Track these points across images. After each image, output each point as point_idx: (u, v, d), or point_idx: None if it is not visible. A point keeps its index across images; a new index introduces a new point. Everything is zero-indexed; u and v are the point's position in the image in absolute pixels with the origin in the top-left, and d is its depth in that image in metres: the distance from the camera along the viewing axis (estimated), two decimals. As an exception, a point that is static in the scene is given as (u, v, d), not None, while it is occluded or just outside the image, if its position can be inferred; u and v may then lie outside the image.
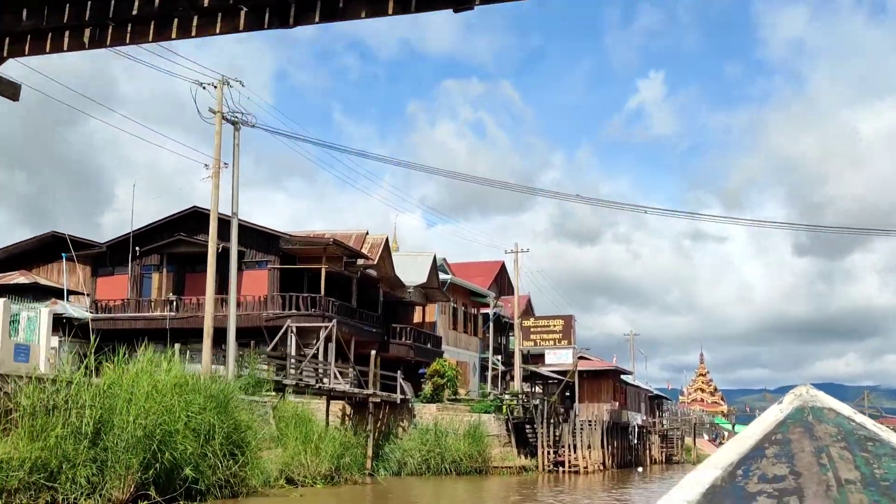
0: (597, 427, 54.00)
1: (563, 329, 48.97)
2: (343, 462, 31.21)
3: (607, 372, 57.49)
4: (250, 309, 41.39)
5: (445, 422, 42.29)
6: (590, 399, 57.87)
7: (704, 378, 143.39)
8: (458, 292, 57.36)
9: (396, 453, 39.49)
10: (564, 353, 48.89)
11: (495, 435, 44.15)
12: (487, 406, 44.20)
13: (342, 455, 30.71)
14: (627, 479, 45.92)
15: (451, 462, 40.56)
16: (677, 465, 74.88)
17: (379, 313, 46.81)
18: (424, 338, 49.91)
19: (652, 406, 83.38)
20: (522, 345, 49.94)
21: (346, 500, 25.96)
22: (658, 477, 51.13)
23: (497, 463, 43.32)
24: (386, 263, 46.37)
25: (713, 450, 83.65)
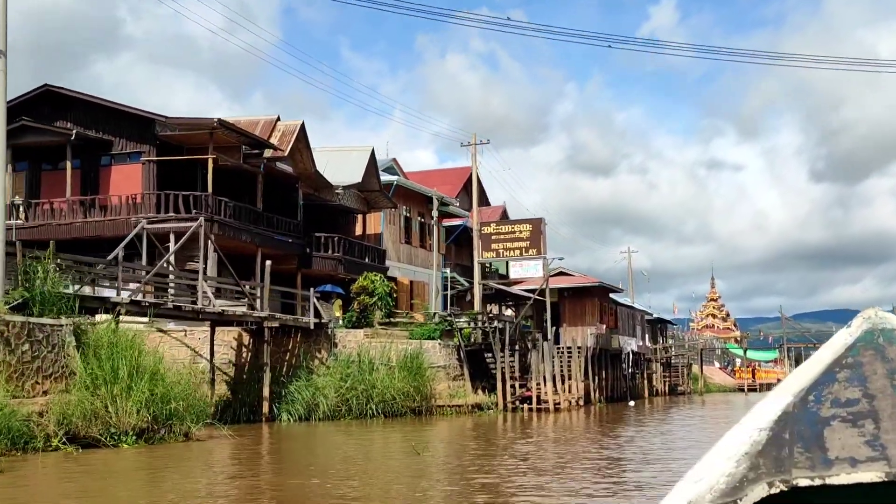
0: (579, 354, 45.09)
1: (531, 235, 39.90)
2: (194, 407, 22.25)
3: (592, 289, 48.40)
4: (118, 213, 32.25)
5: (375, 351, 33.43)
6: (571, 322, 48.89)
7: (716, 303, 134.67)
8: (414, 200, 48.10)
9: (305, 393, 30.67)
10: (532, 264, 39.86)
11: (441, 366, 35.27)
12: (431, 331, 35.25)
13: (186, 399, 21.73)
14: (614, 416, 37.09)
15: (379, 402, 31.77)
16: (682, 397, 66.17)
17: (299, 220, 37.64)
18: (360, 251, 40.81)
19: (654, 331, 74.53)
20: (482, 256, 40.83)
21: (113, 468, 16.95)
22: (656, 412, 42.32)
23: (444, 401, 34.51)
24: (304, 157, 37.06)
25: (725, 378, 74.59)
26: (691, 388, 74.75)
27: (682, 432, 28.29)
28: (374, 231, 44.89)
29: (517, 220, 42.45)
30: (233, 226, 33.04)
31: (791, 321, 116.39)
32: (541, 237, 39.82)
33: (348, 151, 41.41)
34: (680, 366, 75.98)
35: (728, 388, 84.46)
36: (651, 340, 72.99)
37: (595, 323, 48.05)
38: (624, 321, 53.66)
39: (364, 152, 41.01)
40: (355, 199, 42.03)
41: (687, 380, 75.51)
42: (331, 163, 40.74)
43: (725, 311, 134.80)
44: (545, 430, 29.82)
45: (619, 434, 26.21)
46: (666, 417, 37.07)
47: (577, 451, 20.12)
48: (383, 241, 44.56)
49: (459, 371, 36.39)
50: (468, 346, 37.02)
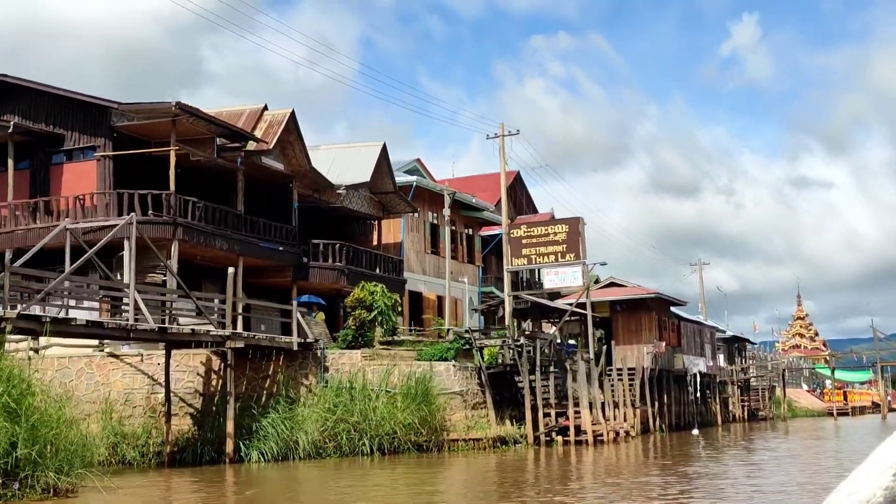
0: (632, 376, 38.93)
1: (567, 238, 34.09)
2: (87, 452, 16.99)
3: (648, 302, 42.17)
4: (72, 216, 27.52)
5: (375, 375, 28.02)
6: (625, 340, 42.68)
7: (803, 322, 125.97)
8: (442, 205, 42.65)
9: (281, 427, 25.35)
10: (570, 272, 33.94)
11: (457, 393, 29.58)
12: (443, 351, 29.63)
13: (59, 441, 16.44)
14: (671, 451, 30.98)
15: (376, 436, 26.30)
16: (763, 424, 59.05)
17: (293, 226, 32.50)
18: (370, 260, 35.48)
19: (730, 351, 67.51)
20: (512, 263, 35.08)
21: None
22: (727, 443, 35.90)
23: (459, 434, 28.81)
24: (296, 151, 31.97)
25: (812, 402, 66.70)
26: (774, 413, 67.36)
27: (759, 480, 22.06)
28: (394, 240, 39.58)
29: (551, 221, 36.63)
30: (203, 230, 28.03)
31: (886, 340, 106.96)
32: (579, 239, 33.99)
33: (357, 148, 36.25)
34: (760, 388, 68.67)
35: (816, 413, 76.59)
36: (727, 361, 66.02)
37: (653, 340, 41.76)
38: (689, 339, 47.18)
39: (374, 148, 35.78)
40: (368, 203, 36.77)
41: (769, 404, 68.15)
42: (337, 161, 35.66)
43: (814, 330, 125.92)
44: (582, 469, 23.95)
45: (700, 468, 20.15)
46: (736, 452, 30.66)
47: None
48: (404, 250, 39.17)
49: (481, 398, 30.66)
50: (491, 367, 31.27)
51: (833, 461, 25.19)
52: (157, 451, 24.93)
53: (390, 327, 29.50)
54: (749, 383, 67.96)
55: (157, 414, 25.67)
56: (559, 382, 32.86)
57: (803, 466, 24.58)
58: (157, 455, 24.82)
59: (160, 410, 25.53)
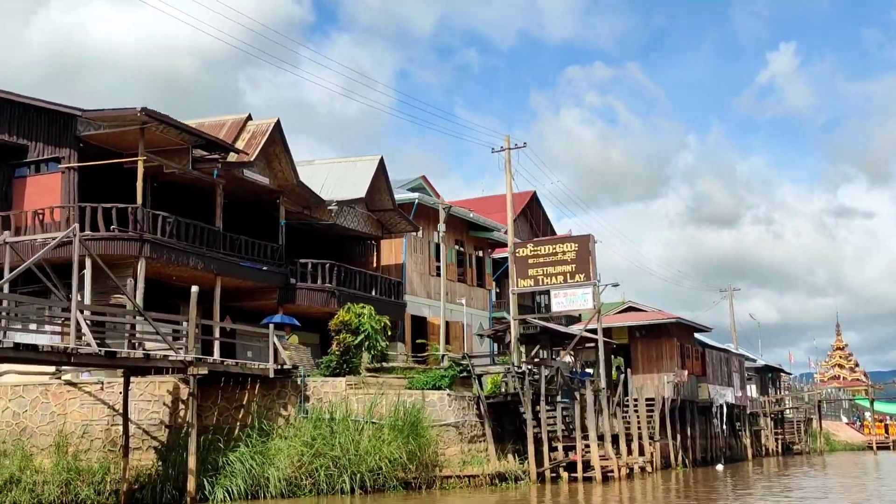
0: (650, 407, 36.21)
1: (577, 257, 31.59)
2: None
3: (669, 327, 39.44)
4: (30, 232, 25.51)
5: (361, 405, 25.64)
6: (645, 368, 39.96)
7: (843, 352, 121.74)
8: (450, 226, 40.35)
9: (251, 462, 23.00)
10: (580, 293, 31.41)
11: (451, 425, 27.07)
12: (437, 378, 27.16)
13: None
14: (692, 489, 28.26)
15: (358, 472, 23.88)
16: (798, 458, 55.70)
17: (279, 244, 30.30)
18: (365, 282, 33.18)
19: (762, 381, 64.33)
20: (518, 285, 32.61)
21: None
22: (756, 481, 33.06)
23: (454, 470, 26.26)
24: (282, 164, 29.84)
25: (852, 435, 63.04)
26: (810, 446, 63.86)
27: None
28: (395, 261, 37.28)
29: (560, 238, 34.13)
30: (175, 248, 25.91)
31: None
32: (589, 258, 31.46)
33: (352, 163, 34.08)
34: (795, 421, 65.22)
35: (856, 447, 72.83)
36: (760, 392, 62.82)
37: (674, 368, 39.00)
38: (715, 367, 44.27)
39: (371, 162, 33.61)
40: (365, 221, 34.53)
41: (805, 437, 64.66)
42: (331, 176, 33.53)
43: (854, 361, 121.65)
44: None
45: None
46: (760, 492, 27.81)
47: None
48: (405, 272, 36.84)
49: (479, 430, 28.11)
50: (492, 397, 28.73)
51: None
52: (114, 489, 22.65)
53: (379, 353, 27.09)
54: (783, 415, 64.58)
55: (118, 447, 23.41)
56: (568, 414, 30.24)
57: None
58: (115, 493, 22.54)
59: (120, 444, 23.27)
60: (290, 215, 31.12)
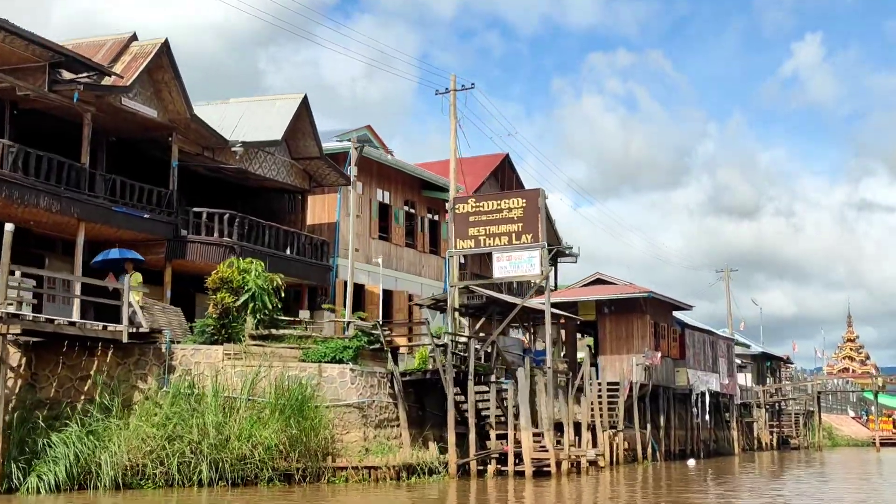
0: (611, 392, 31.83)
1: (524, 214, 26.97)
2: None
3: (639, 303, 34.77)
4: None
5: (241, 379, 21.24)
6: (614, 349, 35.34)
7: (854, 344, 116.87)
8: (398, 183, 35.86)
9: (78, 445, 18.61)
10: (526, 257, 26.81)
11: (355, 405, 22.60)
12: (337, 350, 22.66)
13: None
14: (645, 490, 23.80)
15: (221, 460, 19.50)
16: (795, 453, 50.99)
17: (170, 190, 25.81)
18: (278, 238, 28.68)
19: (760, 370, 59.64)
20: (457, 245, 28.01)
21: None
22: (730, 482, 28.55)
23: (352, 460, 21.79)
24: (172, 94, 25.31)
25: (858, 430, 57.69)
26: (809, 440, 59.02)
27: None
28: (328, 220, 32.79)
29: (505, 193, 29.37)
30: (19, 183, 21.45)
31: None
32: (538, 217, 26.88)
33: (271, 102, 29.53)
34: (793, 413, 60.48)
35: (860, 442, 68.02)
36: (756, 381, 58.15)
37: (644, 350, 34.37)
38: (697, 350, 39.59)
39: (292, 101, 29.05)
40: (288, 170, 30.04)
41: (804, 431, 59.89)
42: (247, 117, 29.02)
43: (865, 353, 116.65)
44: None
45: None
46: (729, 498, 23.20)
47: None
48: (338, 233, 32.33)
49: (392, 413, 23.64)
50: (409, 374, 24.24)
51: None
52: None
53: (267, 317, 22.59)
54: (780, 407, 59.90)
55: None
56: (503, 396, 25.71)
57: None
58: None
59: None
60: (187, 157, 26.64)
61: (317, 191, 32.37)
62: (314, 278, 29.90)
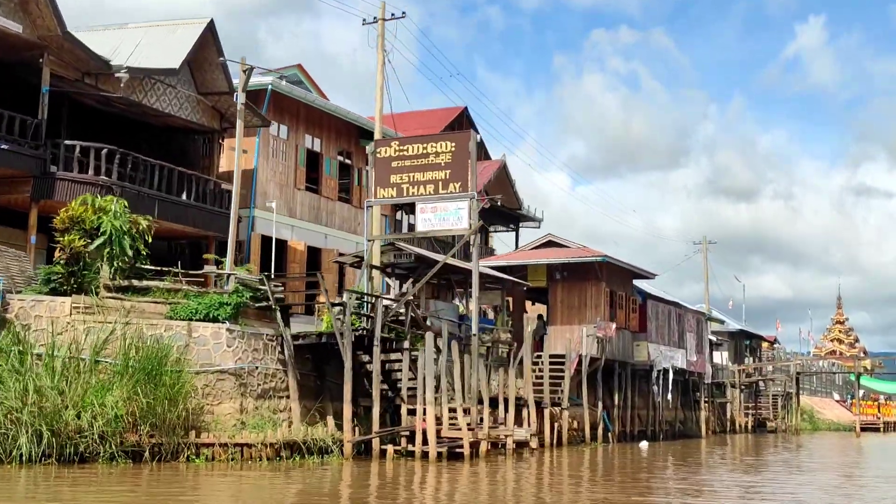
0: (563, 367, 28.61)
1: (453, 161, 23.58)
2: None
3: (593, 268, 31.39)
4: None
5: (94, 337, 17.89)
6: (566, 319, 32.01)
7: (842, 326, 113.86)
8: (330, 128, 32.36)
9: None
10: (453, 208, 23.41)
11: (230, 372, 19.25)
12: (210, 306, 19.28)
13: None
14: (571, 480, 20.53)
15: (51, 433, 16.18)
16: (771, 437, 47.88)
17: (38, 119, 22.29)
18: (170, 181, 25.19)
19: (737, 348, 56.42)
20: (377, 195, 24.57)
21: None
22: (668, 469, 25.31)
23: (221, 436, 18.46)
24: (41, 7, 21.74)
25: (841, 413, 53.34)
26: (788, 424, 55.83)
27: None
28: (245, 166, 29.28)
29: (432, 136, 25.81)
30: None
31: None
32: (468, 163, 23.47)
33: (172, 27, 25.95)
34: (771, 395, 57.35)
35: (842, 427, 64.98)
36: (734, 359, 54.96)
37: (596, 320, 31.04)
38: (661, 323, 36.25)
39: (196, 27, 25.50)
40: (193, 107, 26.53)
41: (782, 413, 56.73)
42: (145, 44, 25.44)
43: (854, 336, 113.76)
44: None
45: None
46: (660, 487, 19.87)
47: None
48: (256, 181, 28.87)
49: (280, 381, 20.30)
50: (301, 337, 20.88)
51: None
52: None
53: (127, 266, 19.18)
54: (757, 387, 56.75)
55: None
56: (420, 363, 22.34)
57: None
58: None
59: None
60: (65, 83, 23.11)
61: (234, 133, 28.87)
62: (215, 229, 26.44)
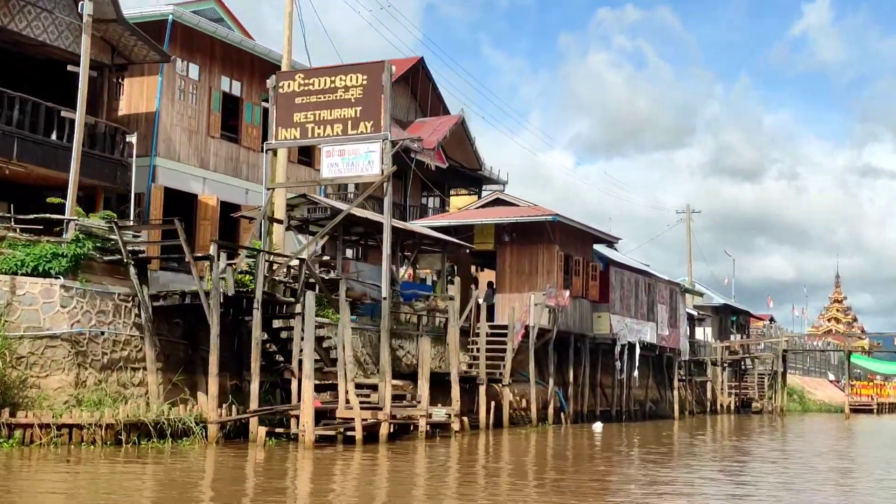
0: (504, 338, 25.39)
1: (364, 96, 20.13)
2: None
3: (545, 229, 27.95)
4: None
5: None
6: (514, 286, 28.64)
7: (840, 305, 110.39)
8: (256, 74, 28.81)
9: None
10: (364, 151, 19.96)
11: (63, 338, 15.89)
12: (40, 258, 15.93)
13: None
14: (457, 478, 17.23)
15: None
16: (755, 418, 44.63)
17: None
18: (37, 117, 21.73)
19: (722, 324, 53.13)
20: (278, 136, 21.13)
21: None
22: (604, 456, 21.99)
23: (44, 415, 15.12)
24: None
25: (835, 394, 47.54)
26: (776, 405, 52.40)
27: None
28: (146, 109, 25.85)
29: (341, 67, 22.24)
30: None
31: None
32: (381, 99, 20.03)
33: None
34: (757, 374, 54.03)
35: (833, 408, 61.67)
36: (718, 336, 51.66)
37: (546, 287, 27.65)
38: (626, 293, 32.82)
39: (73, -58, 21.93)
40: (77, 36, 23.02)
41: (769, 393, 53.36)
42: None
43: (852, 315, 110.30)
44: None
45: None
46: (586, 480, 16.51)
47: None
48: (158, 126, 25.41)
49: (138, 351, 16.97)
50: (160, 298, 17.51)
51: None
52: None
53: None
54: (742, 366, 53.47)
55: None
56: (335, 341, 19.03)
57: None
58: None
59: None
60: None
61: (136, 72, 25.44)
62: (106, 179, 23.02)
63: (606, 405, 33.45)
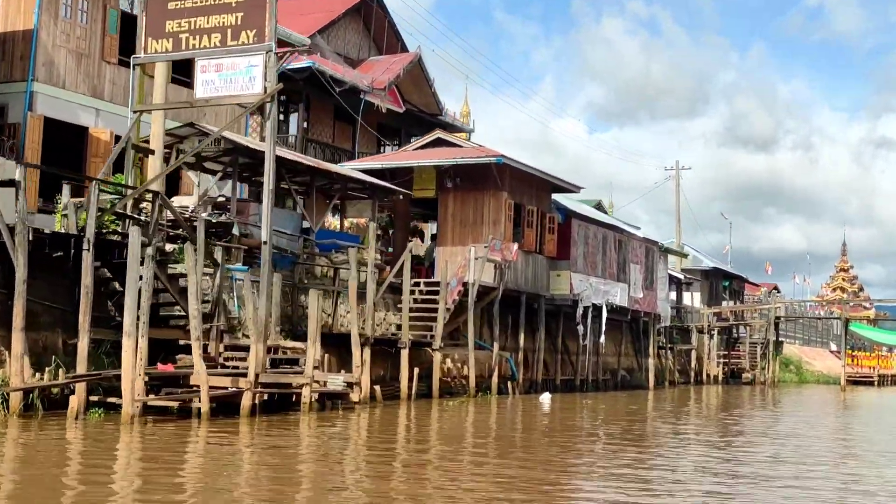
0: (436, 296, 22.03)
1: (246, 1, 16.63)
2: None
3: (491, 173, 24.37)
4: None
5: None
6: (457, 238, 25.14)
7: (847, 274, 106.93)
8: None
9: None
10: (245, 65, 16.54)
11: None
12: None
13: None
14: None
15: None
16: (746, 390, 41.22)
17: None
18: None
19: (713, 289, 49.65)
20: (149, 49, 17.62)
21: None
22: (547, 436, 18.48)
23: None
24: None
25: (832, 365, 45.90)
26: (769, 375, 48.82)
27: None
28: (23, 27, 22.32)
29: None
30: None
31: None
32: (266, 5, 16.48)
33: None
34: (749, 342, 50.49)
35: (830, 379, 58.24)
36: (708, 302, 48.20)
37: (489, 239, 24.14)
38: (590, 250, 29.25)
39: None
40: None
41: (762, 363, 49.83)
42: None
43: (858, 284, 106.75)
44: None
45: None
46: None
47: None
48: (38, 46, 21.91)
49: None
50: None
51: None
52: None
53: None
54: (733, 334, 50.03)
55: None
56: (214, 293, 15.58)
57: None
58: None
59: None
60: None
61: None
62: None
63: (571, 373, 30.10)
